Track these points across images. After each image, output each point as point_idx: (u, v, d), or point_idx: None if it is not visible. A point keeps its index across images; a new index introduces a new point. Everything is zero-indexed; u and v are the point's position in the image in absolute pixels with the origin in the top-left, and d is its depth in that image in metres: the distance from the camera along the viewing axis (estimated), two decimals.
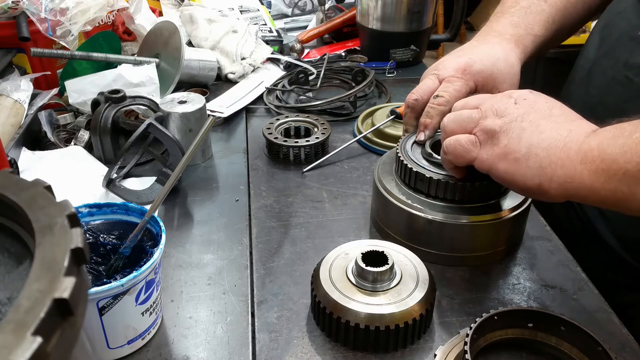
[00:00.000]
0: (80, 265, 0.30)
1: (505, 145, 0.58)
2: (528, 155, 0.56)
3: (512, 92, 0.63)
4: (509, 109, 0.60)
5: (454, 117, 0.64)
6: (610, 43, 0.79)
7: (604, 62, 0.80)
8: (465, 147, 0.61)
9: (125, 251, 0.60)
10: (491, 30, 0.82)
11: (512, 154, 0.57)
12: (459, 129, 0.62)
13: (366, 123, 1.03)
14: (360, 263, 0.59)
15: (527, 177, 0.56)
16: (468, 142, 0.61)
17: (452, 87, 0.74)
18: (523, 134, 0.57)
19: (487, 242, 0.70)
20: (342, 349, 0.59)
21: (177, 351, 0.59)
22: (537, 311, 0.54)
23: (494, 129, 0.59)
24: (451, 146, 0.62)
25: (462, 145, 0.61)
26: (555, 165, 0.55)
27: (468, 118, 0.62)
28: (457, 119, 0.63)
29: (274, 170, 0.92)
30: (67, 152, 0.91)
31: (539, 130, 0.57)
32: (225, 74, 1.22)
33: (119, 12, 1.20)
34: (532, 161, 0.56)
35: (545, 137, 0.56)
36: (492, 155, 0.59)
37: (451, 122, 0.64)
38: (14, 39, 1.00)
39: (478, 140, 0.60)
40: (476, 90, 0.76)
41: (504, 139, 0.58)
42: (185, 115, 0.89)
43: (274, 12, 1.66)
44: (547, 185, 0.55)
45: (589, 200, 0.54)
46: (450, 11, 1.35)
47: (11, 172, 0.37)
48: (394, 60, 1.29)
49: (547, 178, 0.55)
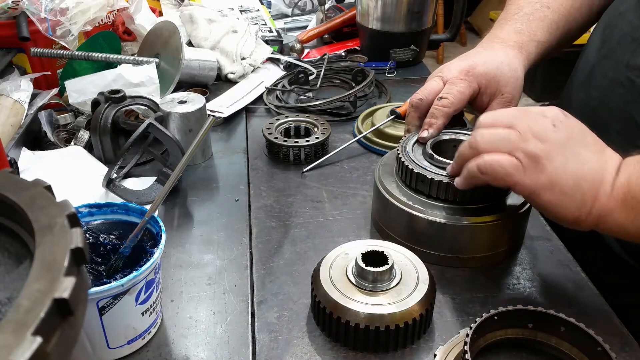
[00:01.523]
0: (80, 265, 0.30)
1: (551, 174, 0.56)
2: (575, 189, 0.55)
3: (545, 110, 0.60)
4: (548, 133, 0.57)
5: (489, 136, 0.60)
6: (611, 44, 0.79)
7: (605, 63, 0.80)
8: (508, 170, 0.58)
9: (125, 251, 0.60)
10: (495, 37, 0.83)
11: (559, 185, 0.56)
12: (494, 149, 0.59)
13: (366, 123, 1.03)
14: (360, 263, 0.59)
15: (569, 210, 0.56)
16: (511, 165, 0.57)
17: (455, 88, 0.74)
18: (568, 163, 0.56)
19: (488, 243, 0.70)
20: (342, 349, 0.59)
21: (177, 351, 0.59)
22: (537, 311, 0.54)
23: (538, 155, 0.56)
24: (490, 167, 0.59)
25: (503, 167, 0.58)
26: (594, 200, 0.55)
27: (505, 139, 0.58)
28: (493, 139, 0.59)
29: (274, 170, 0.92)
30: (67, 152, 0.91)
31: (581, 161, 0.56)
32: (225, 74, 1.22)
33: (119, 12, 1.20)
34: (578, 194, 0.55)
35: (587, 170, 0.56)
36: (536, 182, 0.57)
37: (486, 141, 0.60)
38: (14, 39, 1.00)
39: (521, 165, 0.57)
40: (479, 92, 0.76)
41: (549, 167, 0.56)
42: (185, 115, 0.89)
43: (274, 12, 1.66)
44: (584, 218, 0.56)
45: (620, 235, 0.56)
46: (450, 11, 1.35)
47: (11, 172, 0.37)
48: (394, 60, 1.29)
49: (586, 211, 0.56)
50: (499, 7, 3.96)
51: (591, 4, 0.87)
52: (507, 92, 0.76)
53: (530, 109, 0.62)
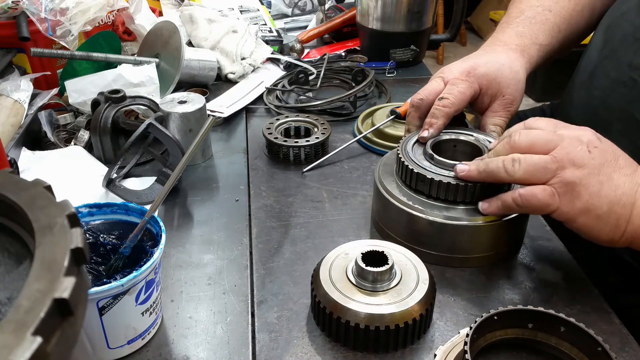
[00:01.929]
0: (80, 265, 0.30)
1: (587, 200, 0.57)
2: (609, 213, 0.57)
3: (581, 135, 0.60)
4: (585, 159, 0.58)
5: (527, 165, 0.60)
6: (613, 44, 0.79)
7: (607, 63, 0.80)
8: (544, 201, 0.59)
9: (125, 251, 0.60)
10: (497, 40, 0.83)
11: (594, 211, 0.58)
12: (532, 178, 0.60)
13: (366, 123, 1.03)
14: (360, 263, 0.59)
15: (603, 232, 0.58)
16: (546, 196, 0.59)
17: (456, 89, 0.74)
18: (602, 189, 0.57)
19: (488, 243, 0.70)
20: (342, 349, 0.59)
21: (177, 351, 0.59)
22: (537, 311, 0.54)
23: (574, 182, 0.58)
24: (527, 200, 0.60)
25: (539, 199, 0.59)
26: (628, 222, 0.57)
27: (544, 169, 0.59)
28: (530, 169, 0.59)
29: (274, 170, 0.92)
30: (67, 152, 0.91)
31: (615, 186, 0.58)
32: (225, 74, 1.22)
33: (119, 12, 1.20)
34: (612, 218, 0.58)
35: (620, 194, 0.58)
36: (573, 209, 0.58)
37: (523, 170, 0.60)
38: (14, 39, 1.00)
39: (556, 192, 0.58)
40: (480, 93, 0.77)
41: (585, 194, 0.57)
42: (185, 115, 0.89)
43: (274, 12, 1.66)
44: (618, 238, 0.58)
45: None
46: (450, 11, 1.35)
47: (11, 172, 0.37)
48: (394, 60, 1.29)
49: (619, 232, 0.58)
50: (499, 7, 3.96)
51: (593, 7, 0.88)
52: (509, 93, 0.77)
53: (564, 132, 0.61)
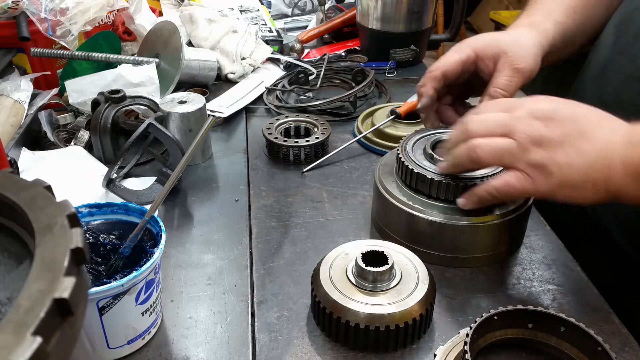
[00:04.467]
0: (80, 265, 0.30)
1: (559, 175, 0.58)
2: (584, 180, 0.58)
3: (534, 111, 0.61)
4: (543, 134, 0.59)
5: (489, 148, 0.61)
6: (627, 40, 0.78)
7: (620, 59, 0.79)
8: (520, 188, 0.60)
9: (125, 251, 0.60)
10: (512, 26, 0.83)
11: (569, 183, 0.58)
12: (499, 162, 0.62)
13: (366, 123, 1.03)
14: (360, 263, 0.59)
15: (585, 197, 0.59)
16: (521, 182, 0.60)
17: (443, 57, 0.76)
18: (571, 160, 0.58)
19: (488, 243, 0.70)
20: (342, 349, 0.59)
21: (177, 351, 0.59)
22: (537, 311, 0.54)
23: (542, 163, 0.58)
24: (504, 190, 0.61)
25: (515, 187, 0.60)
26: (607, 182, 0.57)
27: (507, 152, 0.60)
28: (497, 152, 0.60)
29: (274, 170, 0.92)
30: (67, 152, 0.91)
31: (582, 153, 0.58)
32: (225, 74, 1.22)
33: (119, 12, 1.20)
34: (588, 184, 0.58)
35: (590, 160, 0.58)
36: (550, 186, 0.59)
37: (487, 154, 0.61)
38: (14, 39, 1.00)
39: (529, 177, 0.59)
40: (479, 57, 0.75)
41: (556, 170, 0.58)
42: (185, 115, 0.89)
43: (274, 12, 1.66)
44: (603, 197, 0.58)
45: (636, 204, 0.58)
46: (450, 11, 1.35)
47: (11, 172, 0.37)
48: (394, 60, 1.29)
49: (601, 192, 0.58)
50: (499, 7, 3.97)
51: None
52: (511, 51, 0.74)
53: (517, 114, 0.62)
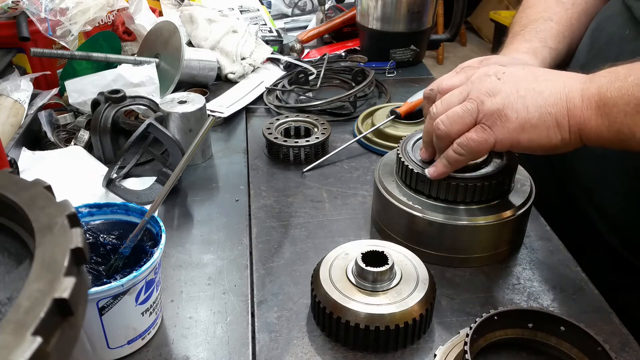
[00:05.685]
0: (80, 265, 0.30)
1: (516, 117, 0.59)
2: (543, 117, 0.58)
3: (487, 70, 0.63)
4: (497, 86, 0.60)
5: (450, 119, 0.62)
6: (600, 45, 0.81)
7: (594, 62, 0.80)
8: (480, 139, 0.60)
9: (125, 251, 0.60)
10: (506, 50, 0.84)
11: (528, 123, 0.58)
12: (464, 126, 0.61)
13: (366, 123, 1.03)
14: (360, 263, 0.59)
15: (550, 136, 0.59)
16: (480, 133, 0.60)
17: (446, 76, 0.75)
18: (526, 101, 0.59)
19: (488, 243, 0.70)
20: (342, 349, 0.59)
21: (177, 351, 0.59)
22: (537, 311, 0.54)
23: (497, 109, 0.59)
24: (466, 146, 0.61)
25: (475, 140, 0.60)
26: (567, 117, 0.58)
27: (467, 112, 0.61)
28: (455, 118, 0.61)
29: (274, 170, 0.92)
30: (67, 152, 0.91)
31: (538, 92, 0.59)
32: (225, 74, 1.22)
33: (119, 12, 1.20)
34: (549, 121, 0.58)
35: (547, 96, 0.58)
36: (509, 132, 0.59)
37: (450, 124, 0.62)
38: (14, 39, 1.00)
39: (487, 126, 0.60)
40: None
41: (513, 113, 0.59)
42: (185, 115, 0.89)
43: (274, 12, 1.66)
44: (568, 136, 0.58)
45: (599, 143, 0.58)
46: (450, 11, 1.35)
47: (11, 172, 0.37)
48: (394, 60, 1.29)
49: (565, 130, 0.58)
50: (499, 7, 3.97)
51: (587, 13, 0.89)
52: None
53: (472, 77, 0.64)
